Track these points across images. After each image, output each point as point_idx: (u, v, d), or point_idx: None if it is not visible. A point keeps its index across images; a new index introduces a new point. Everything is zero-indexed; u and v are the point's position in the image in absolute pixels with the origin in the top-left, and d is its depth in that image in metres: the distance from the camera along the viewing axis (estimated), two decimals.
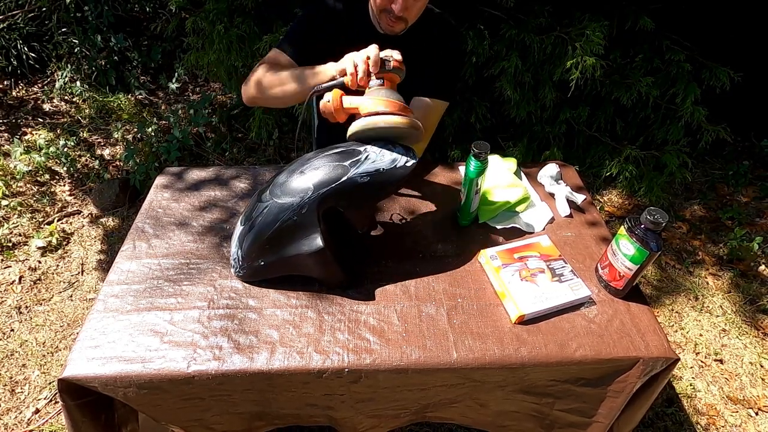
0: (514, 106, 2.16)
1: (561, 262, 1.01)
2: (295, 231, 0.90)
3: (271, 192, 0.93)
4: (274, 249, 0.93)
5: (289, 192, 0.90)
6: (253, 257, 0.95)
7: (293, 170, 0.93)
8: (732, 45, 2.34)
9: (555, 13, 2.04)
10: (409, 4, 1.08)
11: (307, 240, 0.90)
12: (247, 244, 0.94)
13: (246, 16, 2.23)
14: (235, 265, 0.98)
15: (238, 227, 0.98)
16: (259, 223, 0.92)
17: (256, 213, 0.93)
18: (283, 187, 0.91)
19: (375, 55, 0.94)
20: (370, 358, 0.85)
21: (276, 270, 0.97)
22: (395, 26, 1.14)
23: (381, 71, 0.96)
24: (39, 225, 2.14)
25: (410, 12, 1.11)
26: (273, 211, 0.90)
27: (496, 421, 1.02)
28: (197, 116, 2.58)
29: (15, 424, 1.47)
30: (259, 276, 0.98)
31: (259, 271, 0.97)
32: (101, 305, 0.93)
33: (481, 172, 1.01)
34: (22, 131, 2.67)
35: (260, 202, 0.93)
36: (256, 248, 0.93)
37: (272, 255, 0.93)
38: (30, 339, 1.70)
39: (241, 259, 0.96)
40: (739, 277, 2.00)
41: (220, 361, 0.84)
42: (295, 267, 0.95)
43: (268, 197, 0.92)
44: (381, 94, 0.94)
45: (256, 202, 0.95)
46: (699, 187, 2.49)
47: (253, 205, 0.95)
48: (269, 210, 0.91)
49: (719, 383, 1.64)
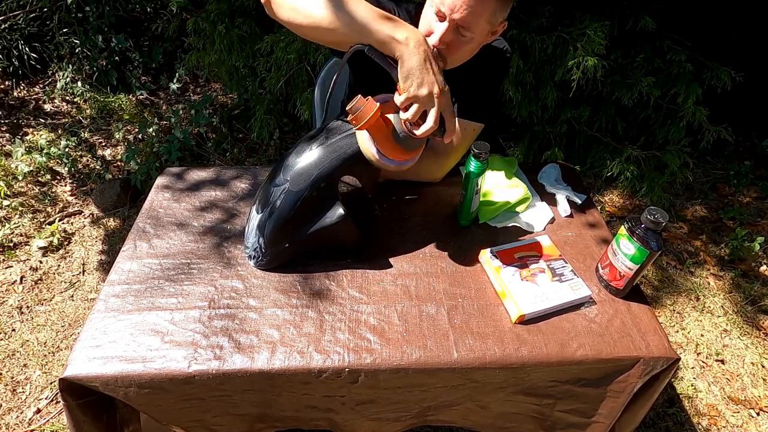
0: (515, 106, 2.16)
1: (561, 262, 1.01)
2: (317, 206, 0.94)
3: (285, 174, 0.94)
4: (298, 228, 0.95)
5: (302, 171, 0.92)
6: (277, 241, 0.97)
7: (302, 150, 0.95)
8: (733, 45, 2.33)
9: (556, 13, 2.04)
10: (446, 40, 0.89)
11: (330, 212, 0.94)
12: (269, 230, 0.96)
13: (247, 16, 2.23)
14: (257, 254, 0.99)
15: (255, 216, 0.99)
16: (279, 206, 0.94)
17: (273, 198, 0.94)
18: (296, 168, 0.93)
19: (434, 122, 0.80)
20: (370, 358, 0.85)
21: (300, 248, 0.99)
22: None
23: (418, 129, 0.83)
24: (40, 225, 2.14)
25: (450, 52, 0.91)
26: (292, 192, 0.93)
27: (497, 422, 1.02)
28: (198, 116, 2.58)
29: (16, 424, 1.47)
30: (283, 259, 1.00)
31: (281, 254, 0.99)
32: (102, 305, 0.93)
33: (482, 172, 1.01)
34: (23, 131, 2.68)
35: (275, 186, 0.95)
36: (280, 232, 0.96)
37: (296, 234, 0.96)
38: (31, 339, 1.71)
39: (263, 247, 0.98)
40: (740, 277, 2.00)
41: (220, 360, 0.84)
42: (318, 240, 0.98)
43: (282, 180, 0.94)
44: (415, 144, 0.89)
45: (271, 187, 0.96)
46: (700, 187, 2.49)
47: (268, 191, 0.97)
48: (287, 192, 0.93)
49: (720, 383, 1.63)
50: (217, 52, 2.24)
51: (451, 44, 0.90)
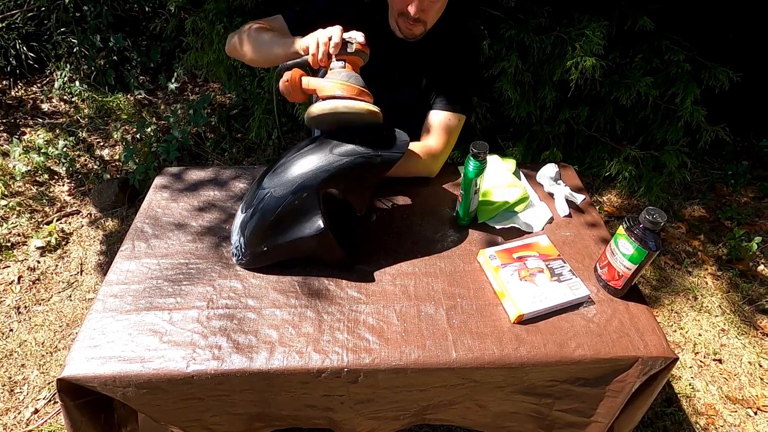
0: (514, 106, 2.16)
1: (560, 262, 1.01)
2: (297, 214, 0.92)
3: (272, 179, 0.94)
4: (277, 233, 0.95)
5: (289, 178, 0.92)
6: (256, 243, 0.97)
7: (292, 157, 0.95)
8: (731, 45, 2.34)
9: (554, 13, 2.04)
10: (425, 6, 1.06)
11: (309, 222, 0.92)
12: (249, 231, 0.96)
13: (246, 15, 2.23)
14: (237, 253, 1.00)
15: (239, 215, 1.00)
16: (261, 209, 0.94)
17: (257, 200, 0.94)
18: (283, 174, 0.93)
19: (338, 36, 0.93)
20: (369, 358, 0.85)
21: (277, 254, 0.98)
22: (414, 29, 1.12)
23: (342, 53, 0.94)
24: (38, 225, 2.14)
25: (428, 14, 1.09)
26: (274, 197, 0.92)
27: (496, 422, 1.02)
28: (196, 116, 2.58)
29: (14, 424, 1.47)
30: (261, 262, 1.00)
31: (261, 256, 0.99)
32: (100, 305, 0.93)
33: (480, 172, 1.01)
34: (21, 131, 2.67)
35: (261, 189, 0.95)
36: (259, 234, 0.96)
37: (274, 239, 0.95)
38: (29, 339, 1.70)
39: (243, 247, 0.98)
40: (738, 277, 2.00)
41: (219, 360, 0.84)
42: (297, 250, 0.97)
43: (269, 184, 0.94)
44: (341, 77, 0.92)
45: (257, 189, 0.96)
46: (698, 187, 2.49)
47: (254, 192, 0.97)
48: (270, 196, 0.93)
49: (718, 383, 1.64)
50: (216, 51, 2.24)
51: (426, 9, 1.08)
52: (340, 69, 0.94)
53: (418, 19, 1.09)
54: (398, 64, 1.22)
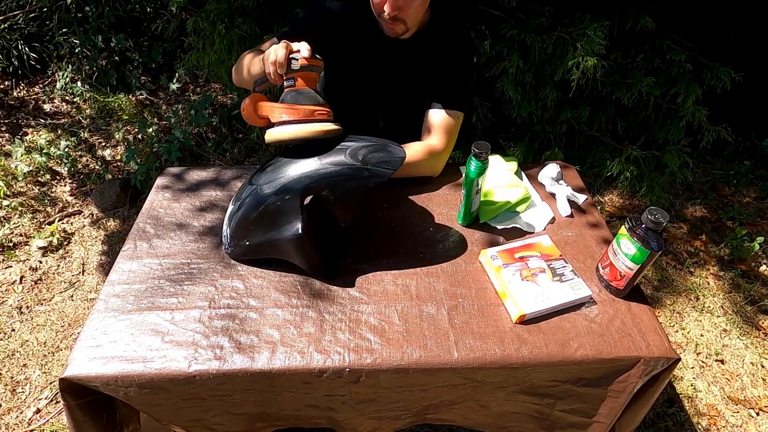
0: (515, 106, 2.16)
1: (562, 262, 1.01)
2: (278, 216, 0.93)
3: (260, 176, 0.96)
4: (258, 231, 0.96)
5: (274, 178, 0.93)
6: (239, 236, 0.99)
7: (282, 158, 0.97)
8: (733, 44, 2.34)
9: (556, 13, 2.04)
10: (400, 4, 1.05)
11: (288, 226, 0.92)
12: (234, 223, 0.99)
13: (247, 16, 2.23)
14: (225, 242, 1.03)
15: (230, 206, 1.02)
16: (246, 204, 0.96)
17: (245, 195, 0.96)
18: (270, 173, 0.95)
19: (281, 55, 0.92)
20: (371, 358, 0.85)
21: (259, 251, 1.00)
22: (395, 27, 1.12)
23: (289, 71, 0.94)
24: (40, 225, 2.14)
25: (405, 12, 1.07)
26: (259, 195, 0.94)
27: (498, 422, 1.02)
28: (198, 116, 2.58)
29: (16, 424, 1.47)
30: (245, 255, 1.02)
31: (244, 250, 1.01)
32: (102, 305, 0.93)
33: (482, 172, 1.01)
34: (23, 131, 2.68)
35: (250, 185, 0.97)
36: (242, 228, 0.98)
37: (256, 236, 0.97)
38: (31, 339, 1.70)
39: (229, 237, 1.01)
40: (740, 277, 2.00)
41: (221, 360, 0.84)
42: (276, 250, 0.98)
43: (257, 181, 0.96)
44: (288, 98, 0.93)
45: (247, 184, 0.98)
46: (700, 187, 2.49)
47: (244, 186, 0.99)
48: (256, 193, 0.94)
49: (720, 383, 1.63)
50: (217, 52, 2.24)
51: (402, 7, 1.05)
52: (290, 89, 0.95)
53: (396, 18, 1.07)
54: (391, 63, 1.22)
